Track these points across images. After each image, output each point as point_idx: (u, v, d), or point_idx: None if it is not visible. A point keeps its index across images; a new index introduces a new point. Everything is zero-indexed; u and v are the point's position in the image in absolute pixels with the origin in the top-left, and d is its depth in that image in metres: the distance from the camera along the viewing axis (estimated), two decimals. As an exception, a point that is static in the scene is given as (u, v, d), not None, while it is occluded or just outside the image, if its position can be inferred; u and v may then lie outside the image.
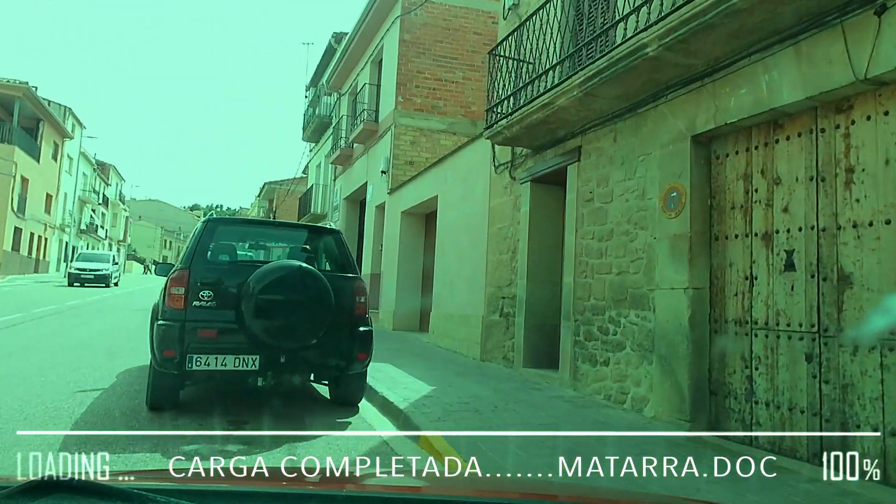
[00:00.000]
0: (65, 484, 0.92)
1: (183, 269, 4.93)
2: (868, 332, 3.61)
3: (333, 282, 5.12)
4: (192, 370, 4.79)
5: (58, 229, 42.07)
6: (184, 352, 4.76)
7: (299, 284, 4.95)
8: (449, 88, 14.66)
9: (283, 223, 5.64)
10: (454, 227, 10.23)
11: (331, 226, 5.83)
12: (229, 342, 4.93)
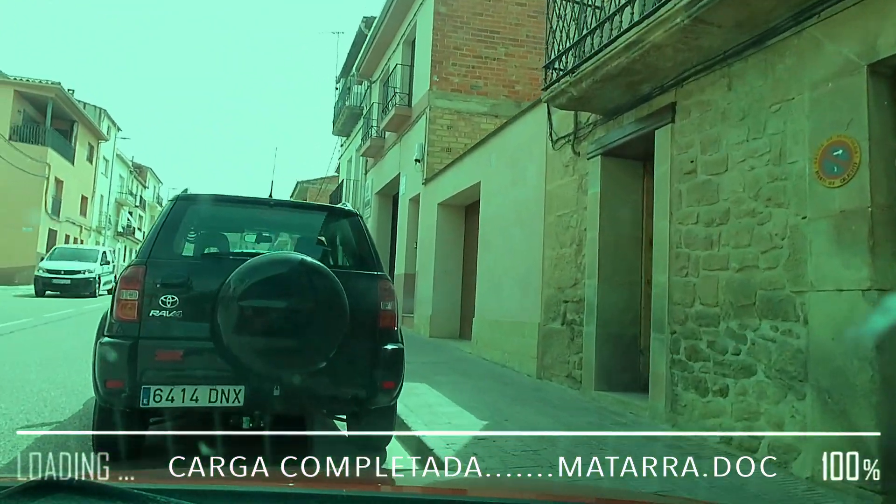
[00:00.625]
0: (65, 484, 0.91)
1: (137, 266, 3.52)
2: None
3: (349, 281, 3.66)
4: (149, 407, 3.38)
5: (94, 231, 41.97)
6: (136, 382, 3.35)
7: (300, 285, 3.51)
8: (490, 66, 13.12)
9: (281, 202, 4.16)
10: (501, 218, 8.67)
11: (346, 206, 4.32)
12: (202, 367, 3.51)
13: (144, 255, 3.57)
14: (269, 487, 1.27)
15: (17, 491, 0.90)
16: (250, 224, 4.45)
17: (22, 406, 4.90)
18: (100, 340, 3.45)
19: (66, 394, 5.44)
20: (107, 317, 3.59)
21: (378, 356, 3.83)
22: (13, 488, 0.90)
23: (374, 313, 3.88)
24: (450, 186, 11.29)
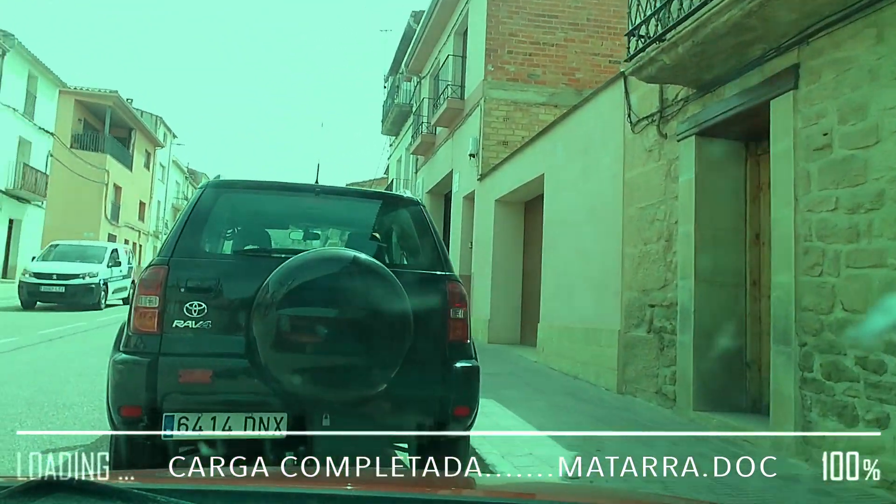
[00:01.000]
0: (65, 484, 0.90)
1: (157, 266, 2.90)
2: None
3: (411, 284, 2.96)
4: (172, 438, 2.75)
5: (151, 236, 43.00)
6: (156, 408, 2.73)
7: (353, 289, 2.83)
8: (548, 53, 12.27)
9: (330, 189, 3.44)
10: (570, 214, 7.83)
11: (406, 193, 3.59)
12: (235, 391, 2.88)
13: (167, 252, 2.94)
14: (269, 487, 1.25)
15: (17, 491, 0.89)
16: (293, 215, 3.76)
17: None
18: (114, 357, 2.85)
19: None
20: (124, 328, 2.98)
21: (448, 376, 3.10)
22: (13, 488, 0.90)
23: (442, 323, 3.16)
24: (508, 181, 10.51)
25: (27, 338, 9.28)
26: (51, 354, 8.03)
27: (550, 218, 8.55)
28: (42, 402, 5.14)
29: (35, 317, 12.92)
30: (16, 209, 24.02)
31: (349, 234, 3.83)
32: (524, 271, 10.85)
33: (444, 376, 3.10)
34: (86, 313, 13.84)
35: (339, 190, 3.54)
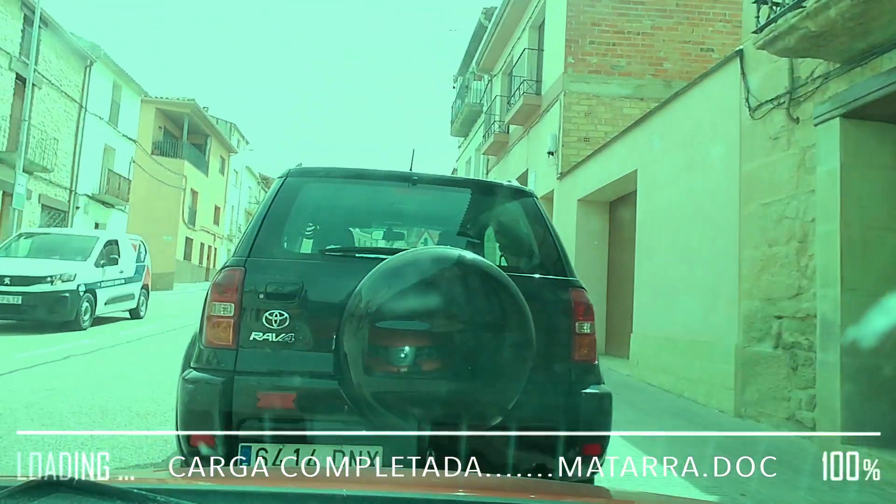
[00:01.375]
0: (65, 484, 0.90)
1: (233, 268, 2.46)
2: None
3: (529, 292, 2.40)
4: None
5: (225, 239, 44.35)
6: (232, 437, 2.28)
7: (465, 299, 2.29)
8: (633, 42, 11.47)
9: (429, 178, 2.88)
10: (671, 212, 7.07)
11: (515, 184, 3.02)
12: (323, 419, 2.38)
13: (243, 252, 2.49)
14: (269, 487, 1.21)
15: (17, 491, 0.89)
16: (386, 208, 3.25)
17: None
18: (184, 375, 2.42)
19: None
20: (195, 341, 2.56)
21: (575, 405, 2.53)
22: (13, 488, 0.90)
23: (566, 340, 2.59)
24: (592, 179, 9.79)
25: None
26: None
27: (645, 217, 7.79)
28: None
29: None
30: (101, 213, 25.05)
31: (451, 230, 3.30)
32: (609, 275, 10.08)
33: (569, 405, 2.52)
34: (56, 335, 9.16)
35: (440, 178, 3.01)
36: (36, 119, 18.58)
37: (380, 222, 3.43)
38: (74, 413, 4.74)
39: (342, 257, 2.68)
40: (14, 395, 5.27)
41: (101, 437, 4.12)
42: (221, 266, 2.55)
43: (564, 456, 2.47)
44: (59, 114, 21.04)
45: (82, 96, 22.41)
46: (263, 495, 1.13)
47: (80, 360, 7.41)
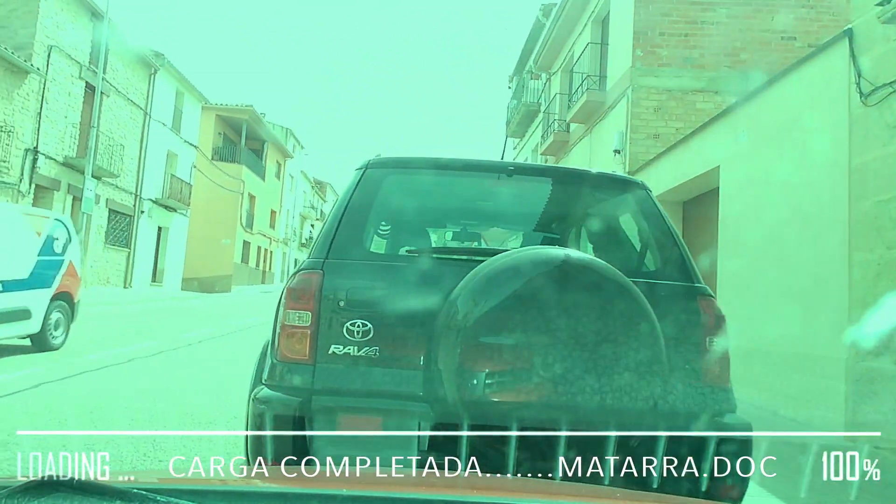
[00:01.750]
0: (65, 484, 0.89)
1: (310, 271, 2.16)
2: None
3: (649, 300, 2.00)
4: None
5: (281, 243, 45.15)
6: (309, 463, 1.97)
7: (578, 307, 1.92)
8: (707, 32, 10.81)
9: (527, 168, 2.54)
10: (761, 211, 6.48)
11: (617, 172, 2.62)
12: (413, 447, 2.05)
13: (320, 253, 2.19)
14: (269, 487, 1.23)
15: (17, 491, 0.88)
16: (479, 202, 2.90)
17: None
18: (254, 393, 2.13)
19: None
20: (265, 354, 2.27)
21: (709, 438, 2.11)
22: (13, 488, 0.89)
23: (695, 358, 2.18)
24: (666, 178, 9.20)
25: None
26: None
27: (730, 217, 7.20)
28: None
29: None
30: (164, 217, 25.77)
31: (553, 227, 2.93)
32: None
33: (702, 438, 2.11)
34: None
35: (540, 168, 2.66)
36: (104, 126, 19.17)
37: (473, 218, 3.07)
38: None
39: (433, 259, 2.35)
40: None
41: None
42: (296, 269, 2.25)
43: (694, 493, 2.06)
44: (126, 120, 21.71)
45: (147, 103, 23.10)
46: (263, 495, 1.13)
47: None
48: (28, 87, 16.37)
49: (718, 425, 2.13)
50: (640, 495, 1.64)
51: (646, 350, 1.93)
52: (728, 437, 2.10)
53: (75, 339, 9.04)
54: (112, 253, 21.53)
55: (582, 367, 1.92)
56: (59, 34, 17.55)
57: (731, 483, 2.09)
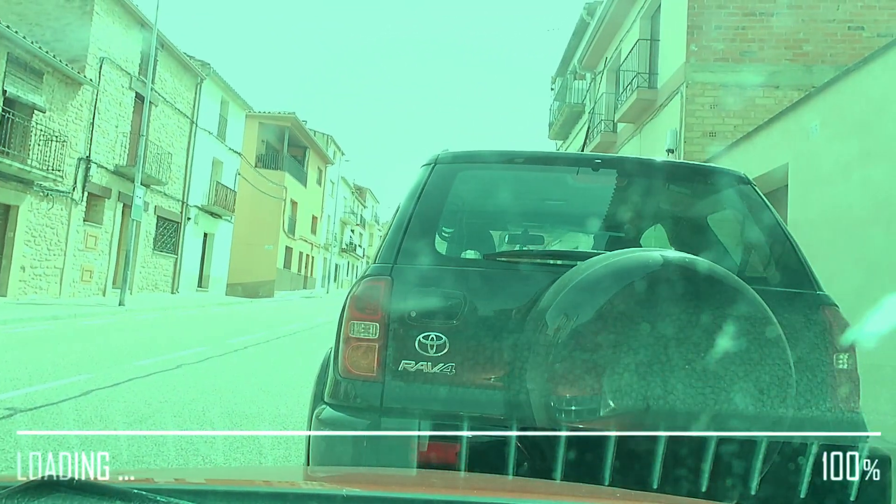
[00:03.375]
0: (65, 484, 0.89)
1: (377, 278, 1.92)
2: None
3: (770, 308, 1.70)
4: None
5: (322, 248, 45.58)
6: None
7: (690, 318, 1.64)
8: (766, 25, 10.29)
9: (614, 160, 2.24)
10: (840, 211, 6.01)
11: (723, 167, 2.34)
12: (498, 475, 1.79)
13: (387, 258, 1.96)
14: (269, 487, 1.19)
15: (17, 491, 0.88)
16: (563, 200, 2.64)
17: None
18: (316, 413, 1.91)
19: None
20: (327, 367, 2.05)
21: (842, 474, 1.80)
22: (13, 488, 0.89)
23: (822, 378, 1.87)
24: (725, 177, 8.74)
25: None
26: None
27: (801, 217, 6.73)
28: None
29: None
30: (209, 223, 26.22)
31: (648, 227, 2.65)
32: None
33: (834, 475, 1.80)
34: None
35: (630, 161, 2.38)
36: (152, 135, 19.58)
37: (557, 217, 2.80)
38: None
39: (514, 263, 2.09)
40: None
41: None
42: (360, 276, 2.02)
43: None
44: (173, 129, 22.15)
45: (193, 112, 23.54)
46: (263, 495, 1.12)
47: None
48: (81, 98, 16.82)
49: (852, 459, 1.80)
50: (640, 495, 1.57)
51: (773, 369, 1.64)
52: (865, 471, 1.78)
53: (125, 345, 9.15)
54: (160, 259, 21.96)
55: (699, 390, 1.64)
56: (111, 46, 18.01)
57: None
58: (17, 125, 14.39)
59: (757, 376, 1.66)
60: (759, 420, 1.64)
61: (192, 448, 4.05)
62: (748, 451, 1.63)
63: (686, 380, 1.65)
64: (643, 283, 1.68)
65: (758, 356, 1.66)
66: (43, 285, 15.91)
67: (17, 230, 14.78)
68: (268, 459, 3.96)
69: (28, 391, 5.49)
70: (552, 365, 1.65)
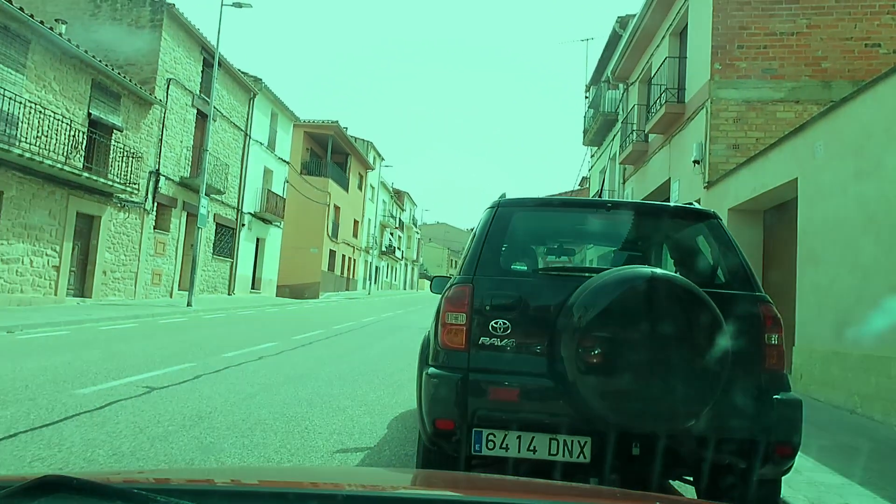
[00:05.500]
0: (65, 484, 0.89)
1: (463, 284, 2.99)
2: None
3: (720, 305, 2.69)
4: (480, 454, 2.80)
5: (363, 251, 47.12)
6: (468, 423, 2.79)
7: (658, 310, 2.64)
8: (787, 43, 11.01)
9: (622, 204, 3.31)
10: (838, 224, 6.83)
11: (695, 205, 3.35)
12: (540, 411, 2.82)
13: (469, 271, 3.02)
14: (269, 487, 1.22)
15: (17, 491, 0.89)
16: (584, 232, 3.72)
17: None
18: (425, 371, 2.98)
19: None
20: (429, 343, 3.12)
21: (767, 410, 2.77)
22: (13, 488, 0.89)
23: (756, 350, 2.84)
24: (745, 188, 9.55)
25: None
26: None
27: (808, 227, 7.55)
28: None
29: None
30: (261, 229, 27.82)
31: (643, 250, 3.67)
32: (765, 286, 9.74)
33: (761, 409, 2.77)
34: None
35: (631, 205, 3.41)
36: (211, 148, 21.12)
37: (581, 242, 3.89)
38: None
39: (553, 275, 3.14)
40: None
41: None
42: (450, 283, 3.10)
43: (753, 453, 2.73)
44: (229, 142, 23.75)
45: (247, 125, 25.12)
46: (263, 495, 1.14)
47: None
48: (152, 117, 18.44)
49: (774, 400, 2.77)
50: (641, 495, 1.73)
51: (715, 351, 2.61)
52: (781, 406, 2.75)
53: (206, 340, 10.46)
54: (218, 263, 23.58)
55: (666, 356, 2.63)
56: (176, 68, 19.62)
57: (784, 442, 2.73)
58: (100, 144, 16.01)
59: (705, 353, 2.64)
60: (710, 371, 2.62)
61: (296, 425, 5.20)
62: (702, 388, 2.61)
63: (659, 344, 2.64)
64: (635, 289, 2.69)
65: (707, 334, 2.64)
66: (120, 287, 17.55)
67: (100, 238, 16.41)
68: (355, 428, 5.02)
69: (151, 375, 6.75)
70: (577, 339, 2.67)
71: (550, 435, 2.77)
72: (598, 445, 2.75)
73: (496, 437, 2.79)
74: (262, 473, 1.72)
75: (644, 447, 2.73)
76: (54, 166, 13.61)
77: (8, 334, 9.96)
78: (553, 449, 2.77)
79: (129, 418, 4.81)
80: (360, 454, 4.21)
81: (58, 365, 7.06)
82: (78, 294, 15.95)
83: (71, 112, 14.89)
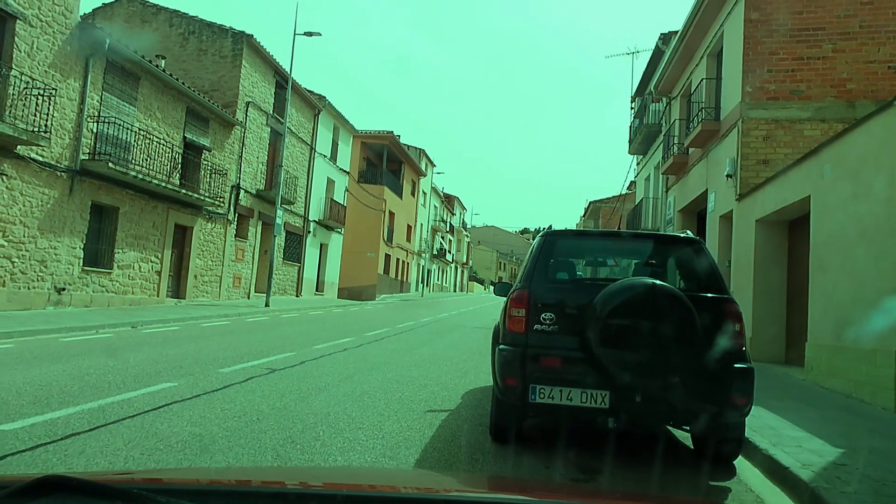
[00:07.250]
0: (65, 484, 0.90)
1: (522, 290, 4.46)
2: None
3: (698, 303, 4.07)
4: (534, 402, 4.26)
5: (416, 255, 49.06)
6: (526, 381, 4.25)
7: (654, 307, 4.04)
8: (813, 67, 12.00)
9: (630, 233, 4.90)
10: (839, 237, 7.97)
11: (687, 234, 4.76)
12: (575, 373, 4.25)
13: (527, 280, 4.50)
14: (269, 488, 1.25)
15: (18, 491, 0.91)
16: (606, 252, 5.23)
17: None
18: (498, 347, 4.47)
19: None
20: (499, 329, 4.62)
21: (729, 374, 4.13)
22: (13, 488, 0.91)
23: (723, 334, 4.21)
24: (770, 202, 10.66)
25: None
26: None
27: (818, 240, 8.67)
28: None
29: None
30: (325, 236, 29.92)
31: (646, 265, 5.10)
32: (790, 291, 10.83)
33: (725, 374, 4.14)
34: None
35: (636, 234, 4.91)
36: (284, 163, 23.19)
37: (606, 260, 5.40)
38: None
39: (582, 283, 4.60)
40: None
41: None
42: (514, 287, 4.60)
43: (720, 403, 4.09)
44: (298, 156, 25.85)
45: (312, 139, 27.19)
46: (263, 495, 1.14)
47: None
48: (233, 137, 20.60)
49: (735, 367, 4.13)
50: (641, 495, 1.78)
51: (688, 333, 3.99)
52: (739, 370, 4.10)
53: (293, 335, 12.23)
54: (287, 267, 25.71)
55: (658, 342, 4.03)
56: (253, 91, 21.77)
57: (741, 395, 4.08)
58: (192, 163, 18.19)
59: (681, 334, 4.02)
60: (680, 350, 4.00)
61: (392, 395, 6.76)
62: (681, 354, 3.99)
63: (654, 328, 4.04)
64: (639, 293, 4.10)
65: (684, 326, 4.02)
66: (207, 290, 19.74)
67: (192, 246, 18.61)
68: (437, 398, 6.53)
69: (266, 360, 8.45)
70: (599, 325, 4.10)
71: (581, 389, 4.21)
72: (614, 396, 4.16)
73: (545, 391, 4.24)
74: (262, 473, 1.70)
75: (644, 396, 4.13)
76: (159, 185, 15.77)
77: (133, 329, 11.99)
78: (583, 398, 4.20)
79: (269, 388, 6.47)
80: (444, 413, 5.72)
81: (190, 352, 8.87)
82: (174, 295, 18.16)
83: (171, 136, 17.08)
